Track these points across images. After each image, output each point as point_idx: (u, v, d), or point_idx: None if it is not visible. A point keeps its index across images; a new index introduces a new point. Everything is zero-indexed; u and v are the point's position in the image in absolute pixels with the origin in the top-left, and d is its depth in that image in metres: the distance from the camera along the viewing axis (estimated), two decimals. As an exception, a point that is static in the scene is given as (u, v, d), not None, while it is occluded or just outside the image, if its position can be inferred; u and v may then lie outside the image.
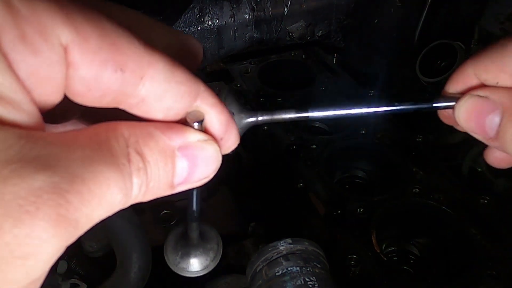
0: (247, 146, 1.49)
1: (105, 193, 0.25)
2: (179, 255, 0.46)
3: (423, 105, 0.40)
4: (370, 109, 0.40)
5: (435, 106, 0.40)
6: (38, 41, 0.25)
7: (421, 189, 1.04)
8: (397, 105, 0.40)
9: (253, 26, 1.53)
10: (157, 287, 0.98)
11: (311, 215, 1.06)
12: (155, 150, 0.29)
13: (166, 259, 0.47)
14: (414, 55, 1.40)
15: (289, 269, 0.71)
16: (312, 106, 0.39)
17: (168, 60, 0.30)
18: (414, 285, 0.87)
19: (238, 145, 0.36)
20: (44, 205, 0.22)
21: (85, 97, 0.29)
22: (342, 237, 0.95)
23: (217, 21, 1.47)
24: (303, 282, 0.69)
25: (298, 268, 0.71)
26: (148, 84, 0.29)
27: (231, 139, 0.35)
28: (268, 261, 0.73)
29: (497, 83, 0.38)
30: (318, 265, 0.73)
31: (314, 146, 1.18)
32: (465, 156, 1.28)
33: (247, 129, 0.40)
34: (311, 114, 0.39)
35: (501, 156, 0.44)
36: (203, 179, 0.33)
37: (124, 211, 0.96)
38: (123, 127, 0.28)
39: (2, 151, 0.23)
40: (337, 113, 0.39)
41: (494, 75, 0.38)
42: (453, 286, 0.87)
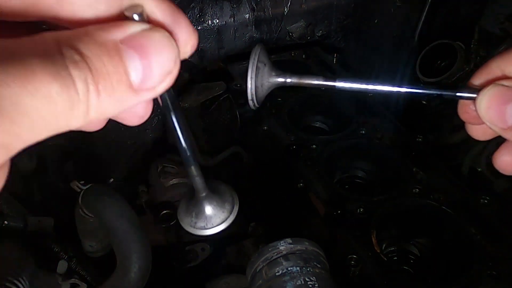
0: (247, 146, 1.49)
1: (34, 79, 0.24)
2: (193, 215, 0.43)
3: (447, 92, 0.40)
4: (395, 88, 0.40)
5: (458, 95, 0.41)
6: None
7: (421, 189, 1.04)
8: (422, 88, 0.40)
9: (253, 26, 1.53)
10: (157, 287, 0.98)
11: (311, 215, 1.06)
12: (92, 45, 0.27)
13: (183, 226, 0.44)
14: (414, 55, 1.40)
15: (289, 269, 0.71)
16: (340, 76, 0.39)
17: None
18: (414, 285, 0.87)
19: (237, 144, 0.35)
20: None
21: None
22: (342, 237, 0.95)
23: (217, 21, 1.47)
24: (303, 282, 0.69)
25: (298, 268, 0.71)
26: None
27: (183, 31, 0.32)
28: (268, 261, 0.73)
29: None
30: (318, 265, 0.73)
31: (314, 146, 1.18)
32: (465, 156, 1.28)
33: (274, 87, 0.39)
34: (338, 84, 0.39)
35: (510, 160, 0.44)
36: (165, 74, 0.30)
37: (124, 211, 0.96)
38: (50, 33, 0.27)
39: None
40: (363, 86, 0.39)
41: None
42: (453, 286, 0.87)
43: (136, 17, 0.30)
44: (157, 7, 0.31)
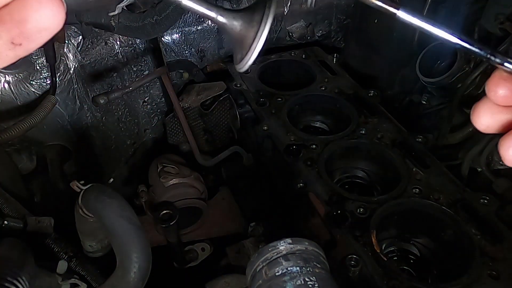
0: (247, 146, 1.50)
1: None
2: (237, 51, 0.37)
3: (497, 58, 0.37)
4: (452, 38, 0.37)
5: (506, 65, 0.39)
6: None
7: (421, 189, 1.04)
8: (476, 46, 0.38)
9: (253, 26, 1.53)
10: (157, 287, 0.98)
11: (311, 215, 1.06)
12: None
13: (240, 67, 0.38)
14: (414, 55, 1.40)
15: (289, 269, 0.71)
16: (404, 7, 0.37)
17: None
18: (414, 285, 0.87)
19: (237, 144, 0.34)
20: None
21: None
22: (342, 237, 0.95)
23: (217, 21, 1.47)
24: (303, 282, 0.69)
25: (298, 268, 0.71)
26: None
27: None
28: (268, 261, 0.73)
29: None
30: (318, 265, 0.73)
31: (314, 146, 1.18)
32: (465, 156, 1.28)
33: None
34: (400, 14, 0.37)
35: None
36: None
37: (124, 211, 0.96)
38: None
39: None
40: (423, 25, 0.37)
41: None
42: (453, 286, 0.87)
43: None
44: None
